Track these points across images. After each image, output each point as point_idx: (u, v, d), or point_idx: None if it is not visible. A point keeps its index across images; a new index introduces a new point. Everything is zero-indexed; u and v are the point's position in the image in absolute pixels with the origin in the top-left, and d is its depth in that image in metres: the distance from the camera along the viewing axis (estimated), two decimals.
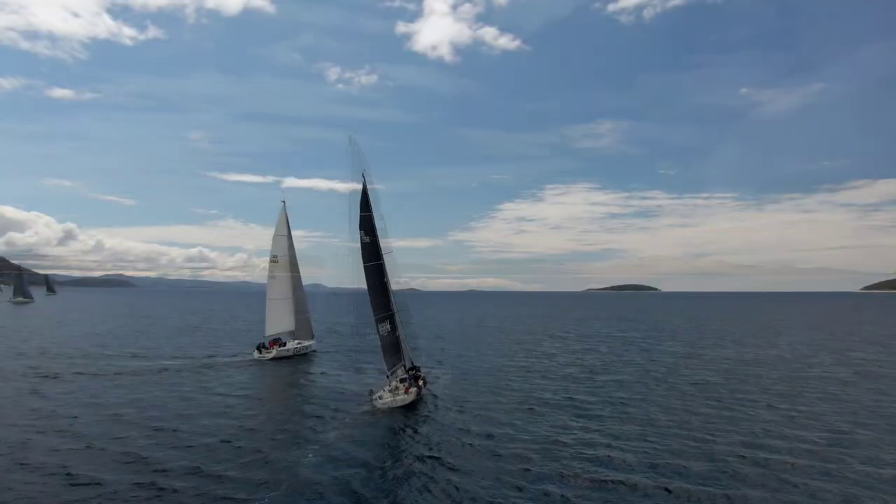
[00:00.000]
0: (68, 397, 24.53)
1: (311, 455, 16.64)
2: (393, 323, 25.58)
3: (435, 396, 25.30)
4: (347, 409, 22.87)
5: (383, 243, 25.47)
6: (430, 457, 16.78)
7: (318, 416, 21.66)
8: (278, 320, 40.03)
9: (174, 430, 19.32)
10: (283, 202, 40.86)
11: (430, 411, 22.72)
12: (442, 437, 18.80)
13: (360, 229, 24.56)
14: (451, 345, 48.51)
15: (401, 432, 19.57)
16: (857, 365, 35.42)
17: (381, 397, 23.63)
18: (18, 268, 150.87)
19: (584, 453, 16.87)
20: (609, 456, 16.53)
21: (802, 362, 36.56)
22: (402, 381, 24.79)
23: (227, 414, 21.99)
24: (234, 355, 39.02)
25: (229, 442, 18.10)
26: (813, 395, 25.76)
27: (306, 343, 40.74)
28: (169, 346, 45.65)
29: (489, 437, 18.76)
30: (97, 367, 32.70)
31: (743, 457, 16.40)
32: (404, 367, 26.01)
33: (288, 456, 16.56)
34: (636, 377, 30.65)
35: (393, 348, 25.43)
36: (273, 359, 36.74)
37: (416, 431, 19.69)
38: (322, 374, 32.33)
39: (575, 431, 19.25)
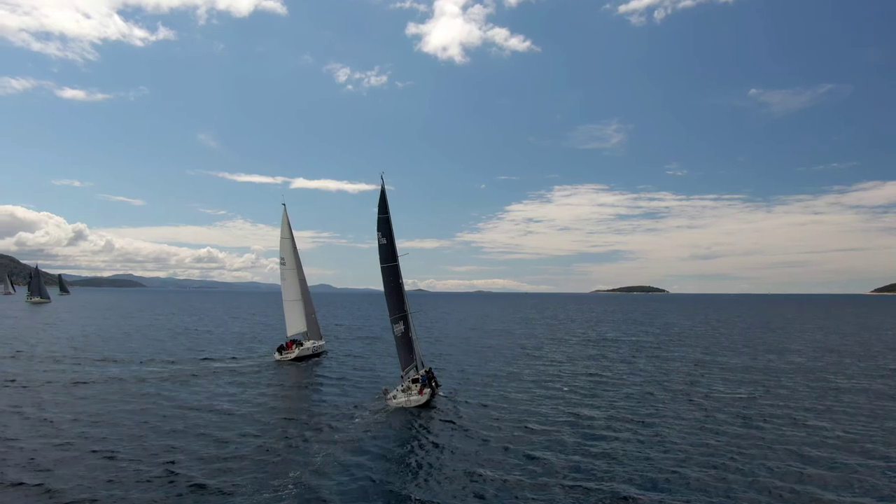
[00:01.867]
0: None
1: (323, 454, 17.02)
2: (406, 323, 25.96)
3: (447, 399, 25.53)
4: (362, 408, 23.26)
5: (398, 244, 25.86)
6: (437, 458, 17.10)
7: (333, 415, 22.05)
8: (294, 322, 40.56)
9: (184, 430, 19.83)
10: (284, 205, 40.91)
11: (441, 414, 22.94)
12: (451, 441, 19.01)
13: (378, 231, 24.97)
14: (452, 348, 48.24)
15: (412, 434, 19.88)
16: (889, 375, 33.28)
17: (394, 397, 24.01)
18: (36, 268, 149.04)
19: (587, 466, 16.49)
20: (617, 474, 15.77)
21: (827, 371, 34.73)
22: (414, 381, 25.16)
23: (239, 415, 22.43)
24: (258, 356, 39.56)
25: (240, 443, 18.54)
26: (846, 410, 23.75)
27: (319, 343, 41.28)
28: (184, 348, 46.20)
29: (494, 442, 18.91)
30: (93, 370, 32.94)
31: (773, 485, 14.89)
32: (416, 368, 26.35)
33: (300, 455, 16.95)
34: (647, 387, 28.89)
35: (406, 348, 25.85)
36: (294, 359, 37.12)
37: (427, 432, 19.99)
38: (335, 373, 32.73)
39: (580, 444, 18.74)
